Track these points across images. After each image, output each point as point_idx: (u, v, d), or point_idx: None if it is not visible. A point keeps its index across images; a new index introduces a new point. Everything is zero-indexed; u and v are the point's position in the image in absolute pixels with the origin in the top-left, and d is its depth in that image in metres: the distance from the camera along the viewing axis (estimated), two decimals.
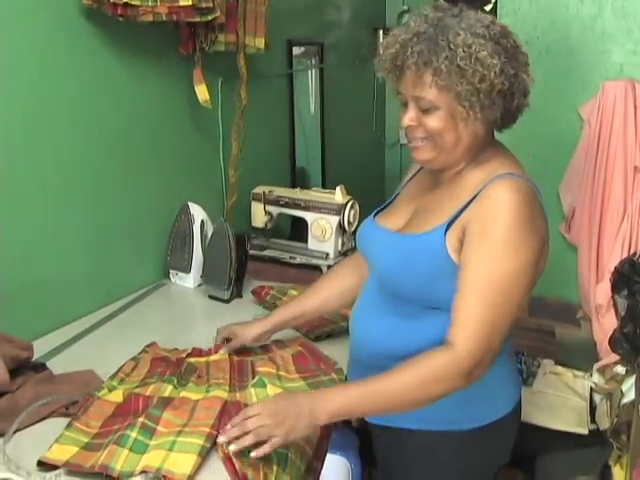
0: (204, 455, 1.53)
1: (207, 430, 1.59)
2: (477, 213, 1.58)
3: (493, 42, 1.56)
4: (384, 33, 4.54)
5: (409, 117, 1.64)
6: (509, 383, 1.82)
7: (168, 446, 1.53)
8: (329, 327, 2.25)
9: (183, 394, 1.78)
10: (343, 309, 2.20)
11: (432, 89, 1.58)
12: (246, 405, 1.72)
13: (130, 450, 1.53)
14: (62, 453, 1.55)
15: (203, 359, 2.03)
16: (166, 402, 1.72)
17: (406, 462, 1.77)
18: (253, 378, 1.90)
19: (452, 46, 1.54)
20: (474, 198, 1.60)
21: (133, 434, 1.57)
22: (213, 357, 2.03)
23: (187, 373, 1.93)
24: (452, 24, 1.58)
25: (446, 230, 1.61)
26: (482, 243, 1.55)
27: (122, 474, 1.47)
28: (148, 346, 2.11)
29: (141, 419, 1.62)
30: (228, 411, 1.69)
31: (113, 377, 1.91)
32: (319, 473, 1.80)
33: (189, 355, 2.06)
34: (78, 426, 1.65)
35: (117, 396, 1.80)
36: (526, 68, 1.63)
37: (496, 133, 1.74)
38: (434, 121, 1.61)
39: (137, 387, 1.83)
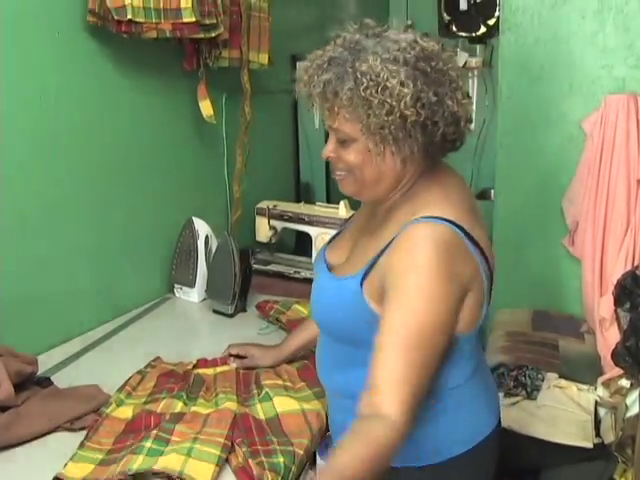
0: (221, 465, 1.56)
1: (222, 441, 1.62)
2: (390, 264, 1.47)
3: (408, 67, 1.43)
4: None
5: (328, 149, 1.56)
6: (474, 411, 1.70)
7: (186, 451, 1.56)
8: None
9: (194, 409, 1.80)
10: None
11: (342, 121, 1.48)
12: (255, 418, 1.76)
13: (146, 455, 1.56)
14: (79, 471, 1.57)
15: (210, 370, 2.05)
16: (178, 417, 1.74)
17: None
18: (257, 389, 1.92)
19: (358, 74, 1.43)
20: (390, 243, 1.50)
21: (147, 444, 1.60)
22: (220, 369, 2.06)
23: (195, 386, 1.95)
24: (367, 47, 1.47)
25: (363, 278, 1.52)
26: (394, 298, 1.45)
27: (139, 470, 1.50)
28: (154, 361, 2.13)
29: (154, 431, 1.65)
30: (238, 424, 1.72)
31: (120, 390, 1.93)
32: None
33: (195, 366, 2.08)
34: (91, 445, 1.67)
35: (126, 412, 1.81)
36: (455, 93, 1.49)
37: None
38: (351, 155, 1.51)
39: (146, 403, 1.85)
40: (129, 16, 2.19)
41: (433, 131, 1.47)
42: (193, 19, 2.29)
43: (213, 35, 2.44)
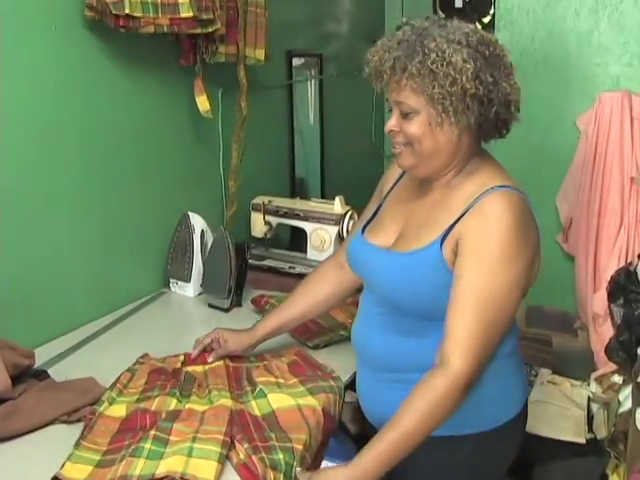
0: (223, 462, 1.56)
1: (222, 438, 1.61)
2: (471, 227, 1.60)
3: (470, 48, 1.58)
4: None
5: (391, 123, 1.67)
6: (515, 387, 1.84)
7: (186, 452, 1.55)
8: (327, 336, 2.26)
9: (188, 406, 1.80)
10: (340, 315, 2.31)
11: (408, 93, 1.60)
12: (251, 415, 1.76)
13: (146, 458, 1.55)
14: (77, 472, 1.56)
15: (200, 368, 2.04)
16: (174, 415, 1.74)
17: (417, 469, 1.76)
18: (250, 386, 1.92)
19: (426, 50, 1.56)
20: (467, 211, 1.62)
21: (147, 445, 1.59)
22: (209, 365, 2.05)
23: (187, 383, 1.94)
24: (433, 32, 1.60)
25: (441, 244, 1.63)
26: (476, 259, 1.58)
27: (141, 477, 1.50)
28: (142, 357, 2.11)
29: (152, 432, 1.64)
30: (235, 421, 1.72)
31: (112, 388, 1.91)
32: None
33: (183, 364, 2.07)
34: (86, 445, 1.65)
35: (120, 411, 1.80)
36: (509, 78, 1.63)
37: (490, 144, 1.76)
38: (413, 127, 1.63)
39: (139, 401, 1.84)
40: (127, 10, 2.19)
41: (488, 108, 1.61)
42: (190, 14, 2.29)
43: (210, 30, 2.44)
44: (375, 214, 1.94)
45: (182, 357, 2.10)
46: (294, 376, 1.97)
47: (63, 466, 1.57)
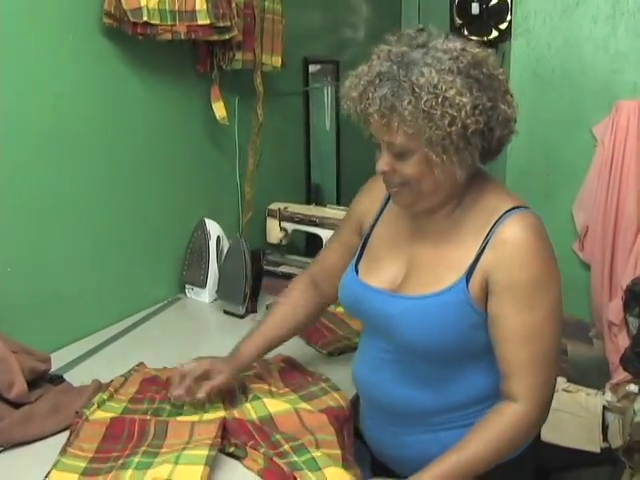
0: (211, 464, 1.54)
1: (210, 441, 1.60)
2: (498, 261, 1.52)
3: (463, 76, 1.44)
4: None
5: (383, 162, 1.56)
6: None
7: (174, 460, 1.54)
8: (342, 343, 2.27)
9: (180, 418, 1.79)
10: (354, 322, 2.29)
11: (401, 136, 1.48)
12: (250, 422, 1.74)
13: (135, 469, 1.54)
14: None
15: None
16: (164, 430, 1.72)
17: None
18: (244, 393, 1.91)
19: (416, 88, 1.42)
20: (486, 244, 1.54)
21: (136, 459, 1.58)
22: None
23: None
24: (417, 59, 1.45)
25: (467, 283, 1.55)
26: (514, 295, 1.51)
27: None
28: (137, 366, 2.11)
29: (143, 448, 1.63)
30: (233, 428, 1.71)
31: (104, 391, 1.91)
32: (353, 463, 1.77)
33: None
34: (72, 451, 1.64)
35: (106, 416, 1.79)
36: (506, 97, 1.53)
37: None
38: (408, 168, 1.52)
39: (126, 410, 1.83)
40: (145, 18, 2.21)
41: (490, 136, 1.51)
42: (208, 21, 2.31)
43: (227, 37, 2.46)
44: (363, 249, 1.80)
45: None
46: (286, 385, 1.96)
47: (48, 474, 1.57)
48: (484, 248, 1.54)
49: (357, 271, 1.76)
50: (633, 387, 2.70)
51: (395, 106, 1.44)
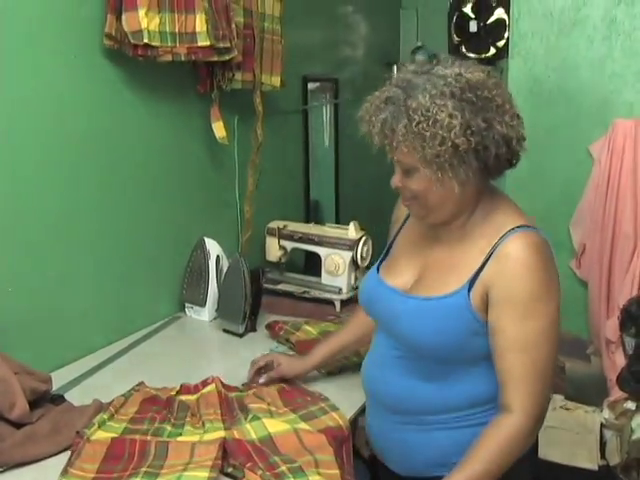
0: None
1: (211, 462, 1.62)
2: (499, 274, 1.61)
3: (455, 99, 1.54)
4: (398, 68, 4.61)
5: (395, 179, 1.69)
6: None
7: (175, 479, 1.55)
8: (341, 362, 2.27)
9: (180, 439, 1.80)
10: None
11: (403, 154, 1.60)
12: (249, 443, 1.76)
13: None
14: None
15: (193, 397, 2.04)
16: (165, 450, 1.73)
17: None
18: (243, 413, 1.92)
19: (410, 112, 1.55)
20: (490, 256, 1.63)
21: (137, 479, 1.59)
22: (202, 391, 2.05)
23: (180, 411, 1.95)
24: (418, 84, 1.58)
25: (468, 290, 1.64)
26: (512, 306, 1.59)
27: None
28: (137, 385, 2.11)
29: (144, 468, 1.64)
30: (232, 449, 1.73)
31: (104, 411, 1.92)
32: None
33: (178, 392, 2.07)
34: (74, 472, 1.66)
35: (106, 436, 1.80)
36: (504, 117, 1.60)
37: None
38: (414, 183, 1.64)
39: (127, 431, 1.84)
40: (145, 40, 2.24)
41: (486, 155, 1.59)
42: (208, 43, 2.34)
43: (227, 58, 2.49)
44: (388, 251, 1.95)
45: (178, 387, 2.10)
46: (285, 405, 1.98)
47: None
48: (487, 260, 1.63)
49: (378, 270, 1.90)
50: (631, 404, 2.70)
51: (393, 128, 1.58)
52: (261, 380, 2.12)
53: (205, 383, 2.09)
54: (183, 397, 2.04)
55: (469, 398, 1.72)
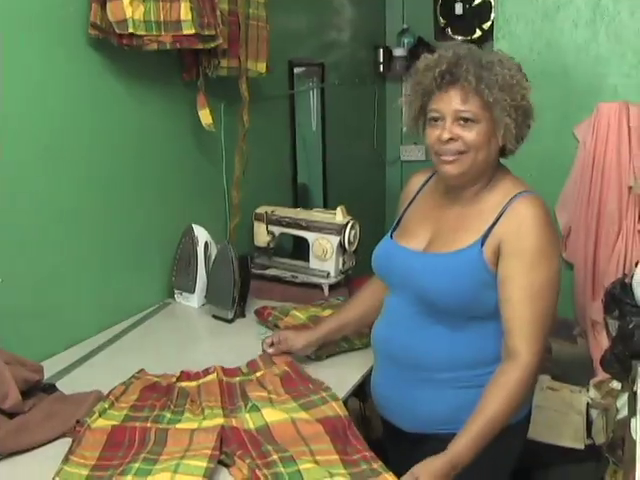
0: (209, 476, 1.57)
1: (209, 452, 1.63)
2: (510, 229, 1.76)
3: (520, 71, 1.79)
4: (384, 52, 4.62)
5: (449, 131, 1.77)
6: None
7: (173, 468, 1.57)
8: (330, 347, 2.30)
9: (179, 426, 1.82)
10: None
11: (476, 102, 1.73)
12: (245, 431, 1.78)
13: (134, 475, 1.57)
14: None
15: (194, 383, 2.06)
16: (164, 437, 1.75)
17: None
18: (243, 401, 1.94)
19: (498, 67, 1.73)
20: (500, 215, 1.78)
21: (136, 465, 1.61)
22: (203, 380, 2.07)
23: (180, 398, 1.97)
24: (483, 52, 1.79)
25: (481, 245, 1.78)
26: (519, 258, 1.74)
27: None
28: (137, 373, 2.12)
29: (143, 454, 1.66)
30: (227, 436, 1.74)
31: (104, 399, 1.93)
32: (371, 457, 1.79)
33: (178, 379, 2.08)
34: (75, 459, 1.67)
35: (107, 424, 1.82)
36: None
37: None
38: (473, 134, 1.76)
39: (127, 418, 1.86)
40: (130, 29, 2.23)
41: (526, 132, 1.83)
42: (193, 31, 2.33)
43: (212, 46, 2.49)
44: (398, 222, 2.05)
45: (178, 373, 2.11)
46: (286, 392, 1.99)
47: None
48: (499, 218, 1.78)
49: (392, 237, 2.02)
50: (616, 384, 2.73)
51: (482, 77, 1.72)
52: (270, 350, 2.19)
53: (207, 372, 2.11)
54: (183, 383, 2.06)
55: (478, 356, 1.84)
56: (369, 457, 1.71)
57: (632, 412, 2.21)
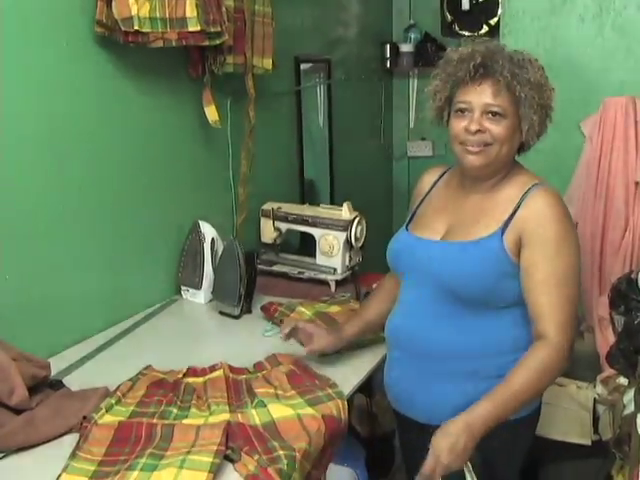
0: (215, 471, 1.58)
1: (215, 447, 1.64)
2: (530, 218, 1.80)
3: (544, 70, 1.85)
4: (391, 48, 4.61)
5: (477, 122, 1.81)
6: None
7: (179, 464, 1.58)
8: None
9: (185, 421, 1.82)
10: None
11: (508, 99, 1.79)
12: (251, 427, 1.78)
13: (140, 470, 1.58)
14: None
15: (200, 379, 2.07)
16: (171, 433, 1.76)
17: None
18: (250, 397, 1.94)
19: (529, 65, 1.80)
20: (519, 206, 1.82)
21: (142, 460, 1.62)
22: (209, 376, 2.07)
23: (187, 394, 1.97)
24: (510, 50, 1.84)
25: (502, 234, 1.81)
26: (541, 247, 1.78)
27: None
28: (145, 369, 2.13)
29: (149, 450, 1.66)
30: (233, 431, 1.75)
31: (111, 396, 1.94)
32: None
33: (185, 375, 2.10)
34: (82, 455, 1.68)
35: (113, 420, 1.83)
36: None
37: None
38: (501, 128, 1.80)
39: (134, 414, 1.87)
40: (136, 27, 2.24)
41: (544, 130, 1.89)
42: (198, 28, 2.33)
43: (218, 43, 2.49)
44: (412, 217, 2.08)
45: (185, 369, 2.12)
46: (292, 388, 1.99)
47: (59, 478, 1.61)
48: (517, 208, 1.82)
49: (407, 229, 2.05)
50: (623, 380, 2.73)
51: (515, 74, 1.77)
52: (285, 330, 2.17)
53: (213, 368, 2.11)
54: (190, 379, 2.07)
55: (497, 345, 1.87)
56: None
57: (638, 408, 2.21)
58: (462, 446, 1.69)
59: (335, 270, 2.92)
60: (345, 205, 2.93)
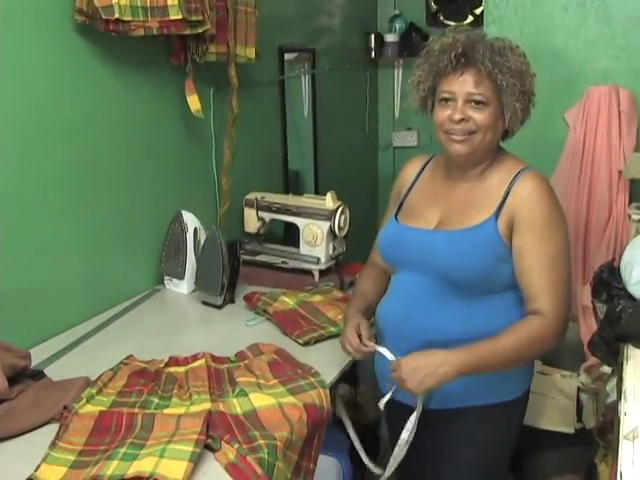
0: (195, 461, 1.57)
1: (195, 437, 1.63)
2: (520, 203, 1.85)
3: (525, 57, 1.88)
4: (376, 38, 4.60)
5: (461, 111, 1.84)
6: (531, 365, 2.15)
7: (159, 453, 1.57)
8: (318, 332, 2.29)
9: (166, 411, 1.82)
10: (330, 312, 2.40)
11: (490, 87, 1.82)
12: (232, 416, 1.78)
13: (120, 460, 1.57)
14: (52, 474, 1.58)
15: (182, 368, 2.06)
16: (151, 422, 1.75)
17: (454, 439, 2.02)
18: (232, 386, 1.94)
19: (510, 53, 1.82)
20: (509, 192, 1.87)
21: (122, 450, 1.61)
22: (191, 365, 2.07)
23: (168, 383, 1.97)
24: (492, 38, 1.87)
25: (496, 219, 1.87)
26: (531, 229, 1.83)
27: (112, 477, 1.51)
28: (126, 359, 2.13)
29: (130, 439, 1.66)
30: (214, 421, 1.74)
31: (92, 385, 1.94)
32: (312, 471, 1.86)
33: (167, 365, 2.09)
34: (62, 445, 1.67)
35: (94, 410, 1.82)
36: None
37: None
38: (484, 116, 1.84)
39: (115, 404, 1.86)
40: (116, 15, 2.22)
41: (528, 117, 1.92)
42: (180, 16, 2.31)
43: (200, 31, 2.47)
44: (400, 208, 2.09)
45: (167, 359, 2.12)
46: (274, 377, 1.99)
47: (38, 468, 1.60)
48: (508, 193, 1.88)
49: (397, 220, 2.07)
50: (607, 369, 2.74)
51: (496, 62, 1.80)
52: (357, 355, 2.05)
53: (195, 357, 2.11)
54: (172, 369, 2.07)
55: (494, 329, 1.86)
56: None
57: (620, 396, 2.22)
58: (437, 364, 1.77)
59: (319, 260, 2.91)
60: (329, 195, 2.92)
